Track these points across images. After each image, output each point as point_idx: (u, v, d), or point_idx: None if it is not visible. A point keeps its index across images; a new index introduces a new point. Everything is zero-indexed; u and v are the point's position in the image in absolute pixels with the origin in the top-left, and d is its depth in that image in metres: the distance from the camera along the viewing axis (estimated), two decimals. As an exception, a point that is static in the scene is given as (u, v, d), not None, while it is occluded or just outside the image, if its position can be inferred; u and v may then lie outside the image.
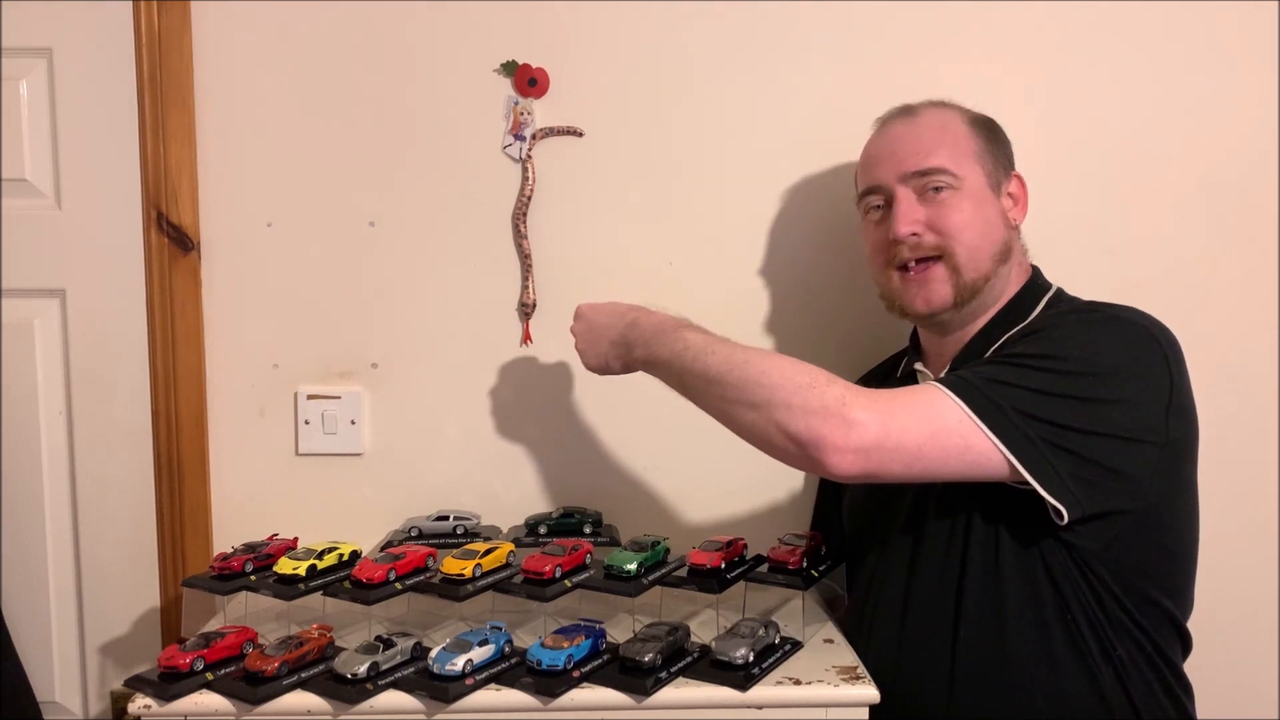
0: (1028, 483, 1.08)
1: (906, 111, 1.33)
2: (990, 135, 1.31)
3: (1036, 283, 1.31)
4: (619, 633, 1.26)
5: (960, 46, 1.56)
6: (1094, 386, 1.11)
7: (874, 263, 1.34)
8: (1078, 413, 1.10)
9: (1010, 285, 1.30)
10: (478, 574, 1.27)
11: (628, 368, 1.33)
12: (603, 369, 1.36)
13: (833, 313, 1.58)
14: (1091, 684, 1.16)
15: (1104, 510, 1.12)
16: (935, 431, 1.07)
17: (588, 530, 1.46)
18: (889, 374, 1.45)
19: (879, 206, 1.31)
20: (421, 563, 1.30)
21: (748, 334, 1.58)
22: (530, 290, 1.57)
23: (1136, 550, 1.16)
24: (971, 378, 1.12)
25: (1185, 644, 1.25)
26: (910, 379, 1.37)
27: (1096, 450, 1.10)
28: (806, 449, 1.07)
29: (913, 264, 1.27)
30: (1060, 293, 1.31)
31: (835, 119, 1.42)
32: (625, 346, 1.30)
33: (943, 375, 1.17)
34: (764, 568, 1.33)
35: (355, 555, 1.35)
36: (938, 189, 1.26)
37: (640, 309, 1.31)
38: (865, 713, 1.17)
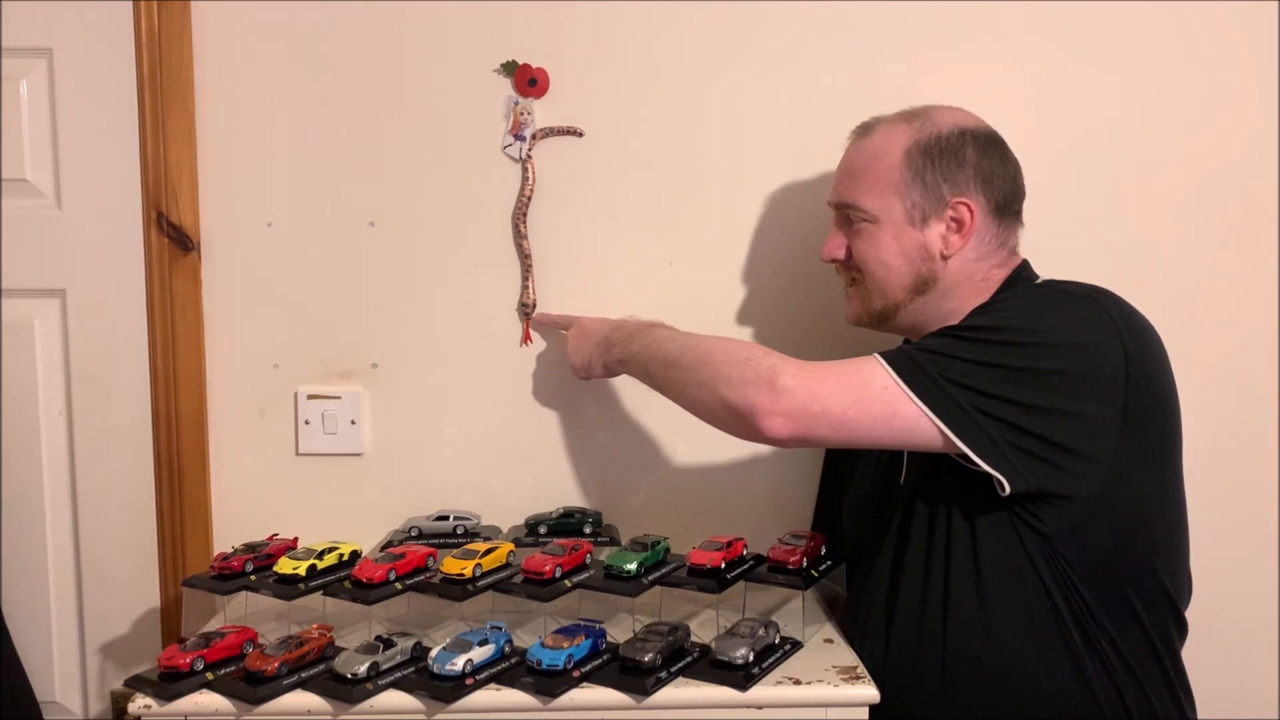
0: (967, 455, 1.10)
1: (863, 131, 1.35)
2: (930, 164, 1.26)
3: (1021, 275, 1.31)
4: (619, 633, 1.26)
5: (961, 47, 1.56)
6: (1033, 357, 1.12)
7: None
8: (1013, 383, 1.10)
9: (993, 285, 1.29)
10: (478, 574, 1.27)
11: (608, 369, 1.43)
12: (586, 369, 1.46)
13: (832, 312, 1.58)
14: (1080, 678, 1.16)
15: (1056, 490, 1.13)
16: (861, 397, 1.12)
17: (588, 530, 1.46)
18: None
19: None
20: (421, 563, 1.31)
21: (747, 333, 1.59)
22: (530, 290, 1.57)
23: (1111, 538, 1.16)
24: (909, 349, 1.16)
25: (1182, 632, 1.25)
26: None
27: (1037, 423, 1.10)
28: (743, 416, 1.15)
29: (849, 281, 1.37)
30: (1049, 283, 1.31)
31: (836, 119, 1.41)
32: (606, 347, 1.41)
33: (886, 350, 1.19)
34: (764, 568, 1.33)
35: (355, 555, 1.35)
36: (853, 221, 1.31)
37: (630, 318, 1.43)
38: (865, 713, 1.17)
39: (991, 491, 1.13)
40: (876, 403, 1.12)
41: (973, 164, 1.27)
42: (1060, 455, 1.11)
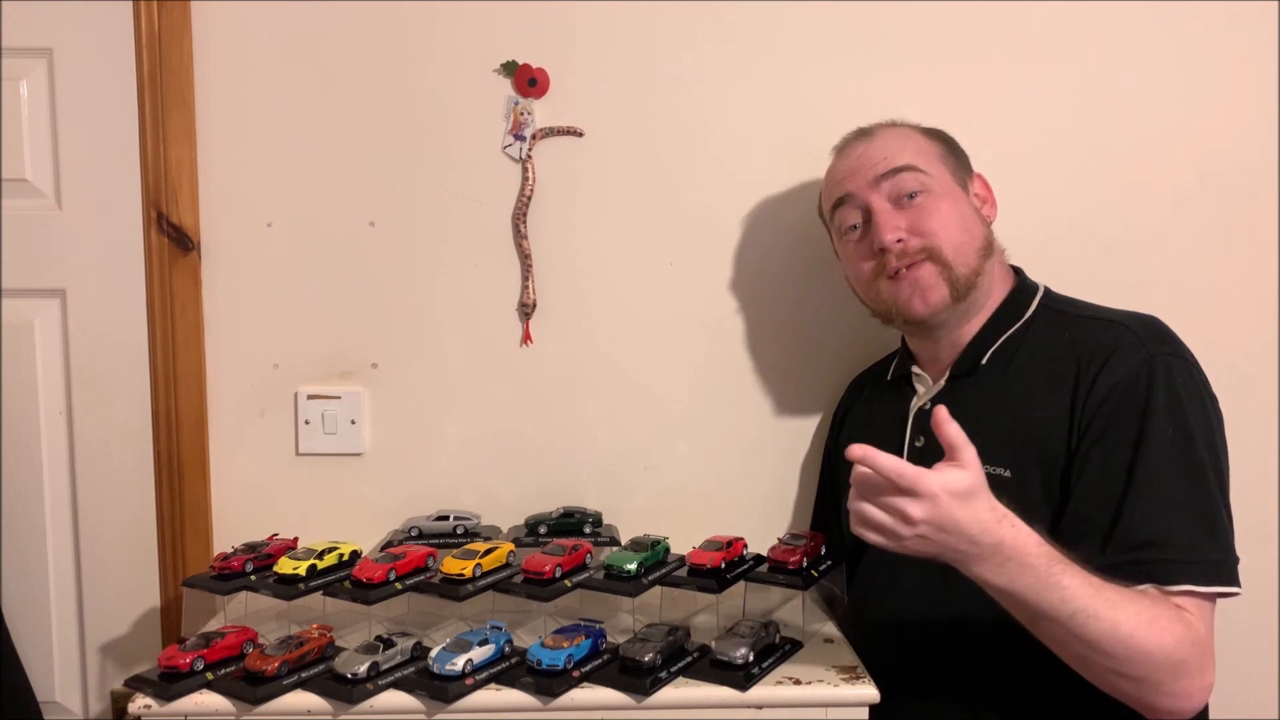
0: None
1: (863, 133, 1.36)
2: (945, 141, 1.34)
3: (1024, 284, 1.33)
4: (619, 633, 1.26)
5: (962, 47, 1.56)
6: (1220, 471, 1.17)
7: (861, 280, 1.33)
8: (1224, 498, 1.17)
9: (997, 285, 1.31)
10: (478, 574, 1.27)
11: (937, 561, 1.07)
12: (907, 554, 1.06)
13: (832, 313, 1.58)
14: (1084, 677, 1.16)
15: None
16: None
17: (588, 530, 1.46)
18: (880, 377, 1.45)
19: (855, 226, 1.32)
20: (421, 563, 1.31)
21: (747, 333, 1.59)
22: (530, 290, 1.57)
23: None
24: (1209, 553, 1.12)
25: None
26: (904, 382, 1.37)
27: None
28: (1149, 711, 1.09)
29: (903, 269, 1.26)
30: (1049, 292, 1.32)
31: (836, 119, 1.41)
32: (958, 560, 1.04)
33: (1189, 561, 1.10)
34: (764, 568, 1.33)
35: (355, 555, 1.35)
36: (912, 195, 1.27)
37: (1001, 523, 1.02)
38: (865, 713, 1.17)
39: (1011, 499, 1.13)
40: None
41: (963, 152, 1.35)
42: None
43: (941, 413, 1.02)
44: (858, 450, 1.00)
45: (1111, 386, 1.16)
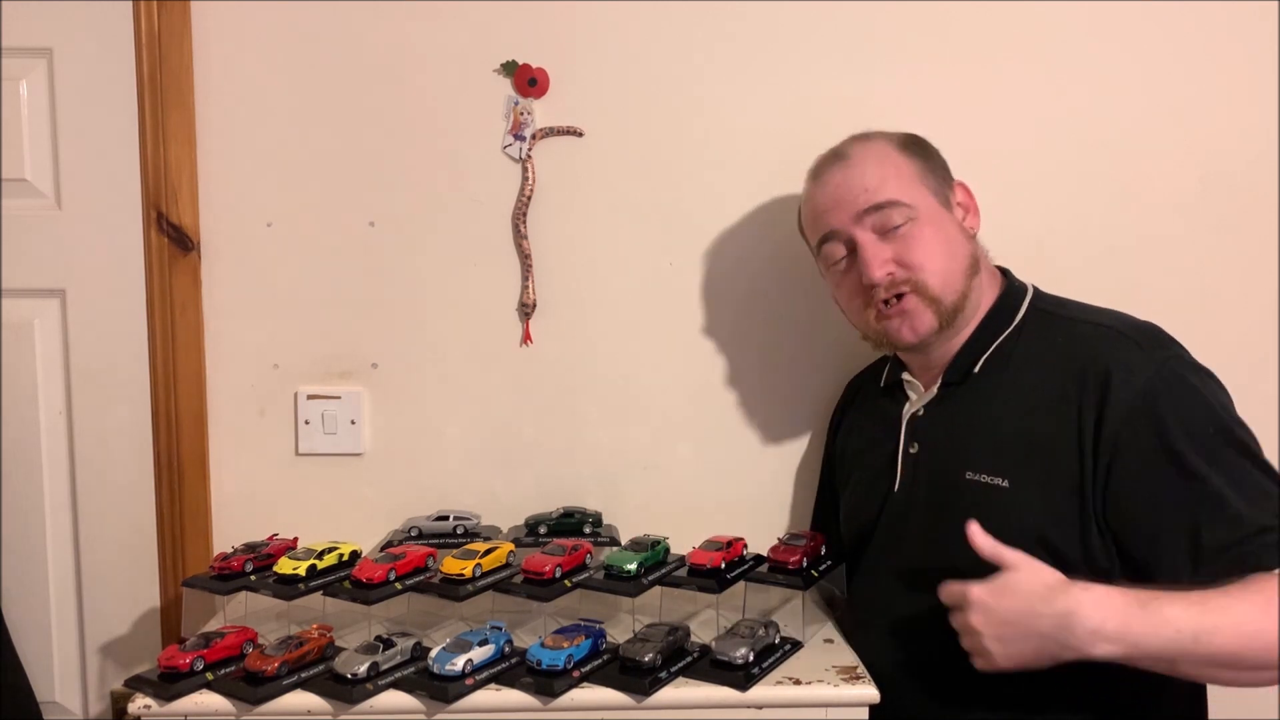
0: None
1: (837, 156, 1.32)
2: (923, 154, 1.30)
3: (1013, 286, 1.32)
4: (619, 633, 1.26)
5: (961, 48, 1.56)
6: (1259, 448, 1.16)
7: (851, 308, 1.33)
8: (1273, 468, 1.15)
9: (987, 292, 1.30)
10: (478, 574, 1.27)
11: (1056, 661, 1.08)
12: (1021, 665, 1.09)
13: (832, 312, 1.57)
14: (1081, 676, 1.16)
15: None
16: None
17: (588, 530, 1.46)
18: (873, 380, 1.45)
19: (843, 257, 1.30)
20: (421, 563, 1.31)
21: (746, 333, 1.59)
22: (530, 290, 1.57)
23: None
24: (1258, 535, 1.07)
25: None
26: (897, 388, 1.37)
27: None
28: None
29: (892, 300, 1.26)
30: (1038, 292, 1.32)
31: (836, 120, 1.41)
32: (1060, 645, 1.05)
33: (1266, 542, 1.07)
34: (764, 568, 1.33)
35: (355, 555, 1.35)
36: (896, 226, 1.25)
37: (1067, 589, 1.05)
38: (865, 713, 1.17)
39: (982, 502, 1.13)
40: None
41: (940, 157, 1.32)
42: None
43: (973, 528, 1.11)
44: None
45: (1130, 404, 1.14)
